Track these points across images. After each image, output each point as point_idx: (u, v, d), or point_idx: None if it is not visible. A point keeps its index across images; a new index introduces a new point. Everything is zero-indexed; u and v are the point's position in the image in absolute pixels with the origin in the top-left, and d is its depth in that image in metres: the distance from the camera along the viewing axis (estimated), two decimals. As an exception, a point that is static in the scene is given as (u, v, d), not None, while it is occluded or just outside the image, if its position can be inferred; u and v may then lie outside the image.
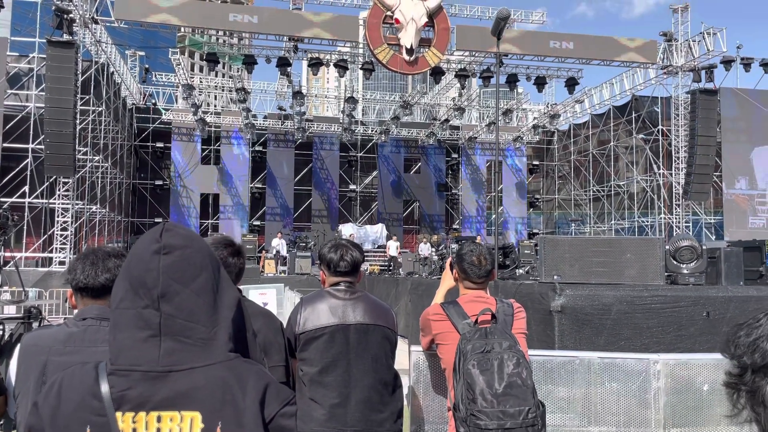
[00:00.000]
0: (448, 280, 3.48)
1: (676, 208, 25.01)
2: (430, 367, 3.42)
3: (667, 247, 6.78)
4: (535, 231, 33.23)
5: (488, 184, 33.26)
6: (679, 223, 24.79)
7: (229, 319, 1.41)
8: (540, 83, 24.50)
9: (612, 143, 28.66)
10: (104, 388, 1.31)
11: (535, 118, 31.03)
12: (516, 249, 26.39)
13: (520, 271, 20.27)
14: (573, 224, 31.34)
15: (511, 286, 6.87)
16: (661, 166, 25.95)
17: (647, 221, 26.91)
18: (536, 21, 24.23)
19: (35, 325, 6.94)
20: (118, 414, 1.30)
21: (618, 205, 29.23)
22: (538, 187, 35.02)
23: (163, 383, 1.32)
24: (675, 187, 24.96)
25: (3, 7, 22.16)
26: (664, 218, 25.58)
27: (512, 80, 24.31)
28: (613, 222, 29.07)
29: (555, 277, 6.28)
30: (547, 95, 28.84)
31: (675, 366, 3.82)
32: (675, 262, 6.61)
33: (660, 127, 26.04)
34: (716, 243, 18.79)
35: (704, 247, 6.98)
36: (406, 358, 3.66)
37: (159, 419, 1.31)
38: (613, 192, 29.26)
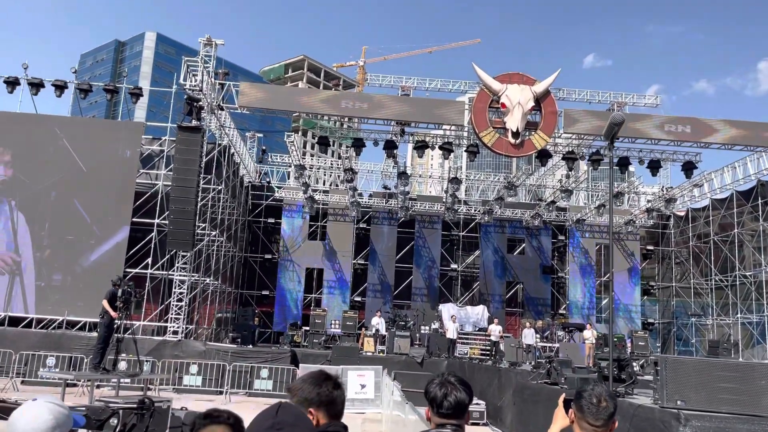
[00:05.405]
0: (560, 420, 3.19)
1: (814, 304, 22.53)
2: None
3: (811, 374, 6.00)
4: (650, 320, 31.09)
5: (597, 268, 31.77)
6: (818, 320, 22.24)
7: None
8: (654, 167, 23.49)
9: (736, 230, 26.64)
10: None
11: (648, 201, 29.63)
12: (629, 342, 24.70)
13: (636, 367, 18.88)
14: (693, 318, 28.97)
15: (627, 407, 6.30)
16: (795, 257, 23.67)
17: (780, 316, 24.38)
18: (649, 104, 23.50)
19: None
20: None
21: (744, 296, 26.77)
22: (653, 273, 32.95)
23: None
24: (812, 280, 22.58)
25: (142, 95, 24.81)
26: (800, 314, 23.08)
27: (623, 163, 23.53)
28: (739, 315, 26.60)
29: (678, 402, 5.70)
30: (662, 177, 27.57)
31: None
32: (822, 394, 5.81)
33: (792, 214, 23.97)
34: None
35: None
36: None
37: None
38: (738, 282, 26.92)
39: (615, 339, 23.00)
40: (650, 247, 32.37)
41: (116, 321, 13.15)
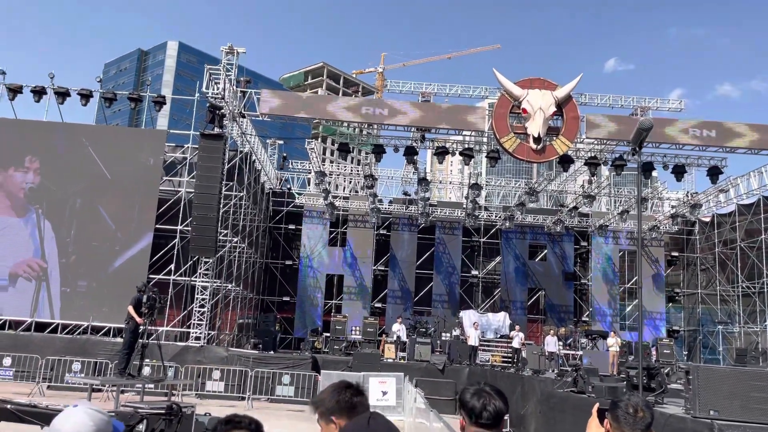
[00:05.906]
0: (594, 430, 3.12)
1: None
2: None
3: None
4: (675, 328, 30.58)
5: (621, 274, 31.35)
6: None
7: None
8: (679, 172, 23.16)
9: (763, 236, 26.13)
10: None
11: (673, 207, 29.21)
12: (653, 350, 24.28)
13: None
14: (720, 325, 28.44)
15: (659, 417, 6.18)
16: (825, 263, 23.15)
17: (810, 324, 23.85)
18: (673, 108, 23.20)
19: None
20: None
21: (773, 304, 26.24)
22: (678, 279, 32.45)
23: None
24: (844, 287, 22.06)
25: (165, 104, 25.11)
26: (832, 322, 22.53)
27: (647, 168, 23.23)
28: (767, 322, 26.05)
29: (711, 412, 5.58)
30: (687, 182, 27.16)
31: None
32: None
33: (821, 219, 23.46)
34: None
35: None
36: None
37: None
38: (765, 289, 26.39)
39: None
40: (675, 254, 31.91)
41: (141, 327, 13.29)
